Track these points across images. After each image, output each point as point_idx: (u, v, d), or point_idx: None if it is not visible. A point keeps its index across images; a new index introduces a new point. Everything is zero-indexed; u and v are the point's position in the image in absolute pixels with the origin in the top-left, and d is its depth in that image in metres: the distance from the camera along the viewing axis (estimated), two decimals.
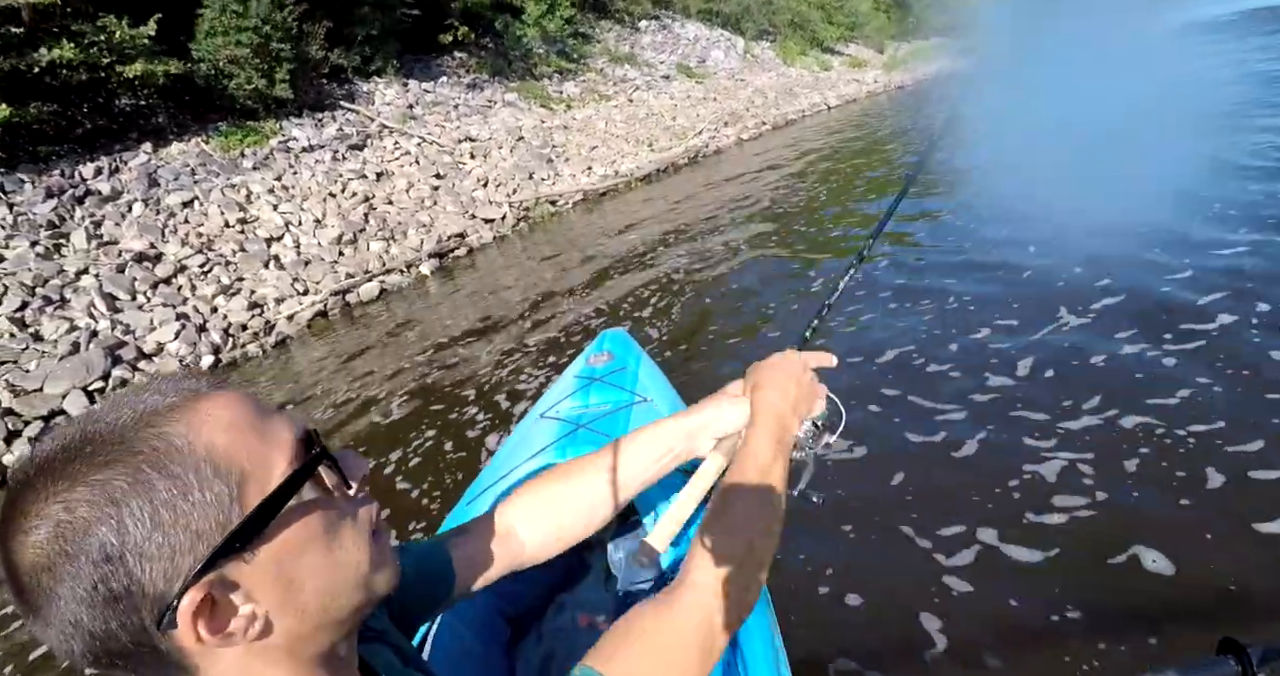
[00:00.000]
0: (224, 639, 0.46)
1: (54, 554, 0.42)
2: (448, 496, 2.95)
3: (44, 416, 4.72)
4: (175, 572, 0.44)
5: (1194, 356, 2.69)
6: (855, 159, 10.05)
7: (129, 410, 0.46)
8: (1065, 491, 2.13)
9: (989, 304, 3.63)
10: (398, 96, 11.75)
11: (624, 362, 2.05)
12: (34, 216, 6.56)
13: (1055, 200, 4.22)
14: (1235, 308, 2.98)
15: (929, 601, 1.87)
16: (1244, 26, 20.91)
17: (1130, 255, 3.75)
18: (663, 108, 15.99)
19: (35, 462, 0.45)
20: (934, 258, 4.62)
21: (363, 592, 0.54)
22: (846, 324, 3.82)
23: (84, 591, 0.42)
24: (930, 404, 2.80)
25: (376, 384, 4.55)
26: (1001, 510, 2.12)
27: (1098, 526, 1.98)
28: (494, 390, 3.97)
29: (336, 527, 0.52)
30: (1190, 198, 4.39)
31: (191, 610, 0.44)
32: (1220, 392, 2.42)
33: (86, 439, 0.45)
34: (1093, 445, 2.32)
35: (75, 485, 0.43)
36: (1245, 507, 1.90)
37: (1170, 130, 5.04)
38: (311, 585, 0.50)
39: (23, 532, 0.43)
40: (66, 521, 0.42)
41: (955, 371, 3.01)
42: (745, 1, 25.58)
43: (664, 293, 5.14)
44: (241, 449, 0.47)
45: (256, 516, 0.47)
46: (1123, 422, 2.39)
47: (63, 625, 0.43)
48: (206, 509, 0.45)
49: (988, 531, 2.05)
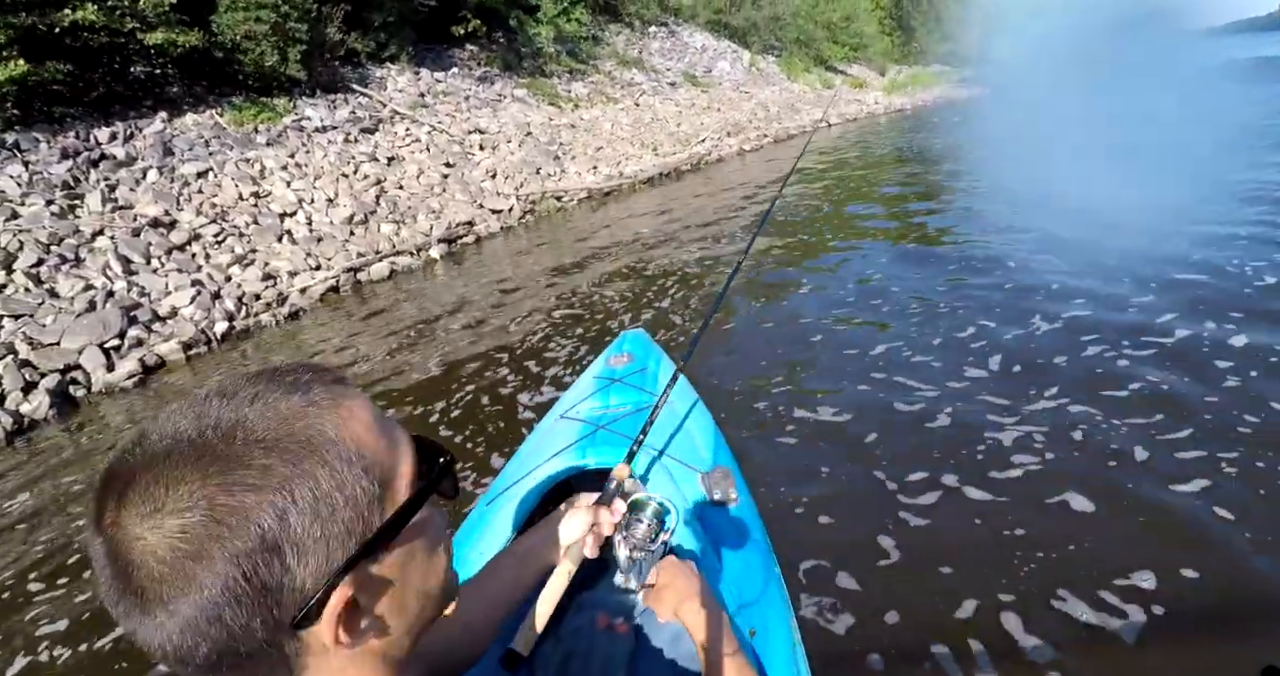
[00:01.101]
0: (353, 639, 0.45)
1: (208, 538, 0.39)
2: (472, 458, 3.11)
3: (60, 369, 4.79)
4: (326, 568, 0.42)
5: (1146, 360, 3.14)
6: (855, 175, 10.35)
7: (280, 397, 0.44)
8: (1019, 452, 2.59)
9: (974, 309, 4.05)
10: (409, 84, 11.87)
11: (644, 364, 2.08)
12: (49, 176, 6.60)
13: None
14: (1189, 323, 3.44)
15: (893, 530, 2.28)
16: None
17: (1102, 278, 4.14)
18: (668, 114, 16.24)
19: (176, 440, 0.42)
20: (930, 265, 4.87)
21: (445, 598, 0.54)
22: (847, 320, 4.05)
23: (234, 580, 0.40)
24: (913, 384, 3.24)
25: (394, 353, 4.69)
26: (964, 463, 2.58)
27: (1041, 475, 2.46)
28: (501, 362, 4.15)
29: (439, 536, 0.53)
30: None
31: (340, 607, 0.43)
32: (1165, 391, 2.87)
33: (239, 422, 0.42)
34: (1047, 422, 2.76)
35: (236, 467, 0.40)
36: (1158, 473, 2.36)
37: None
38: (414, 589, 0.50)
39: (165, 514, 0.39)
40: (226, 504, 0.40)
41: (936, 361, 3.45)
42: (753, 16, 25.99)
43: (660, 292, 5.33)
44: (381, 450, 0.47)
45: (399, 517, 0.47)
46: (1073, 408, 2.83)
47: (198, 620, 0.39)
48: (357, 505, 0.44)
49: (950, 477, 2.50)
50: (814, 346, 3.87)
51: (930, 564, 2.10)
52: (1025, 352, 3.39)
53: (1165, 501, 2.23)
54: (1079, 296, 3.97)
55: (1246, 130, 9.04)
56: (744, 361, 3.80)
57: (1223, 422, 2.59)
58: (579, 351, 4.29)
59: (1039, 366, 3.22)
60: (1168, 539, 2.07)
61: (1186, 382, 2.89)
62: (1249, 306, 3.54)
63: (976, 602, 1.92)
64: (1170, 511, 2.18)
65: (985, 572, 2.03)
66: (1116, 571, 1.96)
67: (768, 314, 4.54)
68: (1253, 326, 3.29)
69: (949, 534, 2.23)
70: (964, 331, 3.74)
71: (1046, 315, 3.77)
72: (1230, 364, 2.99)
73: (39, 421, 4.49)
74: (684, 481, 1.52)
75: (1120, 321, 3.56)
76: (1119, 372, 3.06)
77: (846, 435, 2.89)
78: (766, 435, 2.97)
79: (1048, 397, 2.93)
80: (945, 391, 3.10)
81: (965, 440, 2.71)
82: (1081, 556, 2.05)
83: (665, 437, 1.69)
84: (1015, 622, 1.85)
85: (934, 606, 1.95)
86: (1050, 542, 2.11)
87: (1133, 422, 2.67)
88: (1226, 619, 1.79)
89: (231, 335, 5.59)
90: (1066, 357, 3.26)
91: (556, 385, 3.82)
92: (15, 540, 3.13)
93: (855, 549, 2.21)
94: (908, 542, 2.21)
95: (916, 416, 2.95)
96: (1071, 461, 2.50)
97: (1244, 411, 2.63)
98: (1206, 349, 3.17)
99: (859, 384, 3.30)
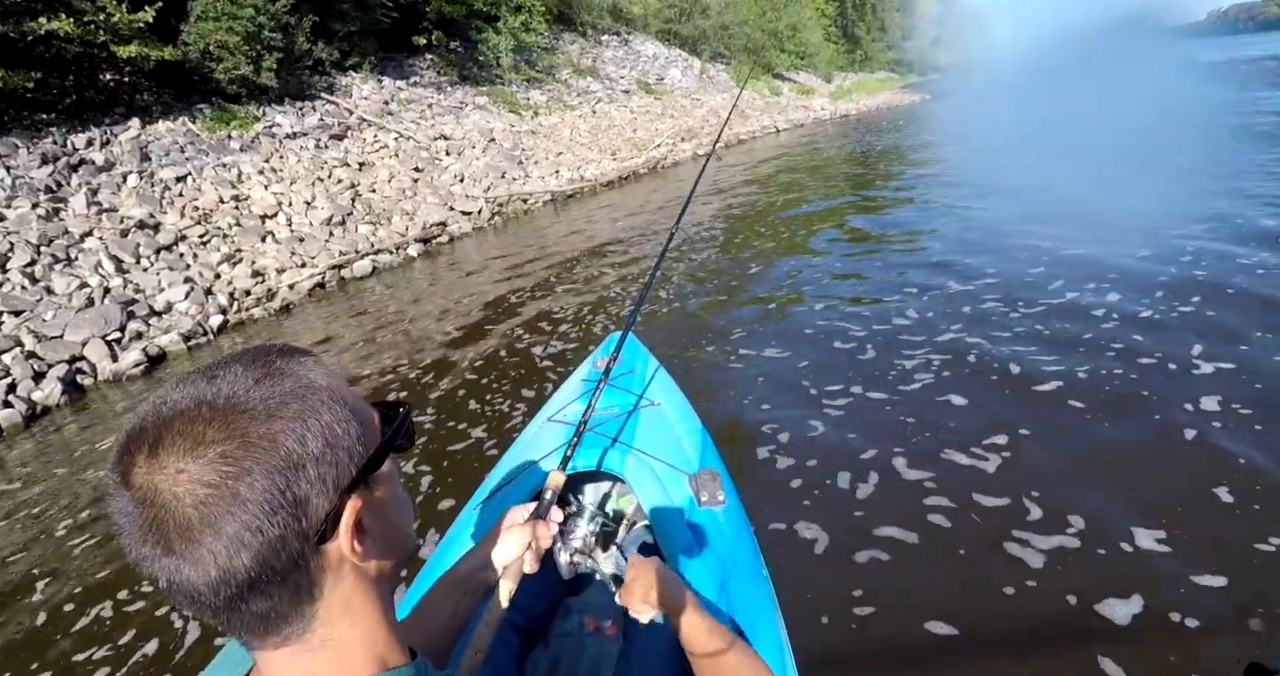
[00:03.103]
0: (361, 554, 0.52)
1: (247, 458, 0.45)
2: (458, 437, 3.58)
3: (66, 360, 5.07)
4: (339, 485, 0.49)
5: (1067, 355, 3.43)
6: (803, 175, 11.08)
7: (272, 359, 0.51)
8: (1018, 448, 2.68)
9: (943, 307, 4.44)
10: (373, 92, 12.18)
11: (632, 366, 2.10)
12: (32, 180, 6.80)
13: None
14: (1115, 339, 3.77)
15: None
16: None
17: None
18: (624, 120, 16.84)
19: (197, 398, 0.47)
20: (915, 259, 5.52)
21: (411, 541, 0.61)
22: (819, 313, 4.65)
23: (273, 493, 0.46)
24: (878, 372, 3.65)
25: (378, 343, 5.10)
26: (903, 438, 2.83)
27: (969, 431, 2.81)
28: (481, 359, 4.61)
29: (397, 477, 0.60)
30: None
31: (352, 520, 0.50)
32: (1086, 385, 3.06)
33: (244, 376, 0.49)
34: (1048, 421, 2.85)
35: (255, 405, 0.47)
36: (1085, 458, 2.55)
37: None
38: (393, 520, 0.57)
39: (205, 445, 0.45)
40: (259, 431, 0.46)
41: (935, 361, 3.81)
42: (702, 25, 26.83)
43: (626, 282, 5.86)
44: (356, 398, 0.55)
45: (380, 451, 0.54)
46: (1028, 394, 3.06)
47: (242, 534, 0.45)
48: (351, 436, 0.51)
49: (900, 460, 2.68)
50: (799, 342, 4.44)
51: (922, 563, 2.12)
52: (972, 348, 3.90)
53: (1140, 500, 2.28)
54: (970, 252, 4.63)
55: (1149, 133, 10.06)
56: (713, 338, 4.34)
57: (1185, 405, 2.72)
58: (556, 347, 4.54)
59: (984, 356, 3.81)
60: (1153, 535, 2.09)
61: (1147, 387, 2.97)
62: (1113, 266, 4.25)
63: (965, 603, 1.93)
64: (1158, 506, 2.22)
65: (975, 573, 2.05)
66: (1100, 568, 1.99)
67: (709, 302, 5.11)
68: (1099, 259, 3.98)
69: (940, 536, 2.25)
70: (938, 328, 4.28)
71: (962, 274, 4.42)
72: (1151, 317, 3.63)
73: (51, 407, 4.78)
74: (671, 483, 1.53)
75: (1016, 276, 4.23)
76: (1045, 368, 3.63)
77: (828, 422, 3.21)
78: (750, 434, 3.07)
79: (996, 384, 3.17)
80: (914, 398, 3.17)
81: (966, 441, 2.75)
82: (1066, 553, 2.08)
83: (653, 440, 1.68)
84: (1003, 621, 1.86)
85: (926, 606, 1.94)
86: (1031, 546, 2.12)
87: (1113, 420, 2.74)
88: (1212, 615, 1.80)
89: (227, 328, 5.92)
90: (998, 350, 3.86)
91: (534, 384, 3.96)
92: (42, 506, 3.49)
93: (844, 548, 2.24)
94: (896, 543, 2.23)
95: (897, 417, 3.00)
96: (1067, 462, 2.54)
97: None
98: (1101, 313, 3.80)
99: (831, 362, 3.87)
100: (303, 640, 0.51)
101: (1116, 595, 1.89)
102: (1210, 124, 10.59)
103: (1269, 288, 3.79)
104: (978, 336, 3.67)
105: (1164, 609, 1.84)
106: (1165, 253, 4.57)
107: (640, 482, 1.49)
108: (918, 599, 1.98)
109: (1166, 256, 4.50)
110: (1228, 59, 29.68)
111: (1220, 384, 2.89)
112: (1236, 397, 2.77)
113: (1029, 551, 2.11)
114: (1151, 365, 3.12)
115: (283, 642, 0.50)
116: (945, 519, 2.32)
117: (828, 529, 2.34)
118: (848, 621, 1.93)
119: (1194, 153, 8.09)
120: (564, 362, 4.21)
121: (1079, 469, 2.49)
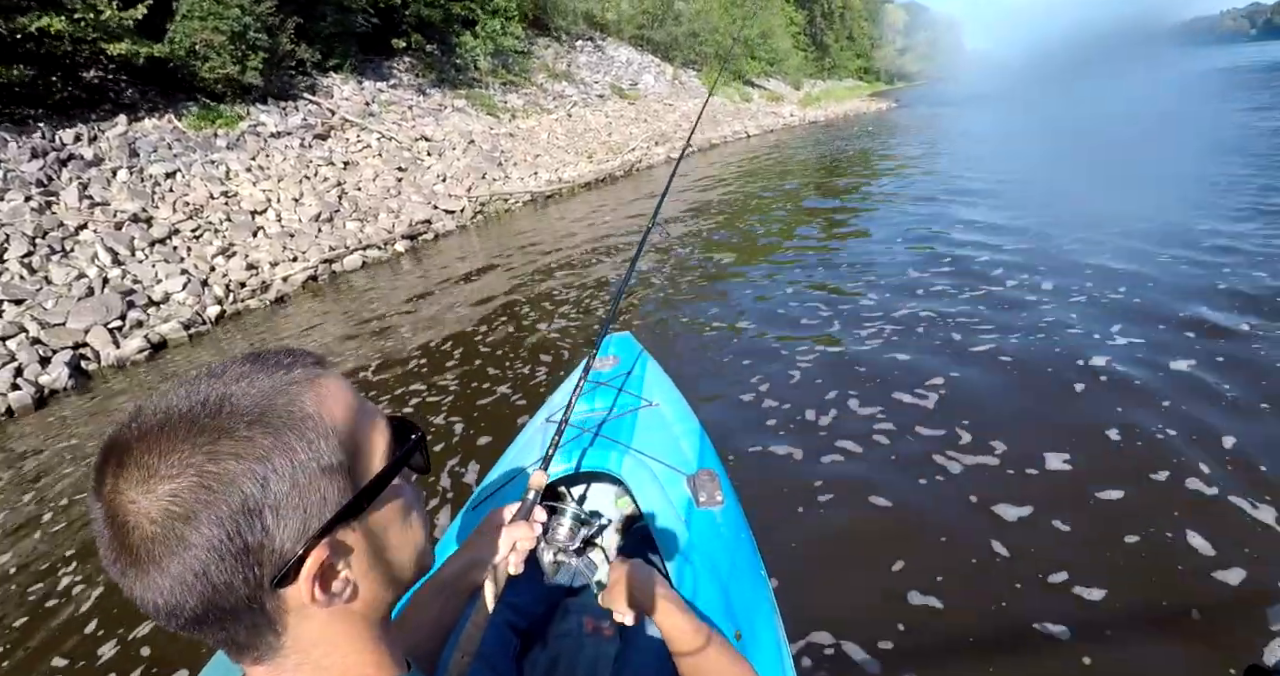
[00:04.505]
0: (328, 599, 0.49)
1: (195, 502, 0.43)
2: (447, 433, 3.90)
3: (70, 346, 5.27)
4: (303, 532, 0.47)
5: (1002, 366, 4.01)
6: (773, 178, 11.57)
7: (263, 376, 0.49)
8: (1013, 451, 2.71)
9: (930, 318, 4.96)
10: (354, 93, 12.39)
11: (629, 366, 2.09)
12: (23, 174, 6.93)
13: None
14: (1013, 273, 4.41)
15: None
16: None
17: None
18: (599, 124, 17.23)
19: (168, 414, 0.45)
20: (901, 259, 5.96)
21: (419, 565, 0.59)
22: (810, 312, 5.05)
23: (219, 540, 0.43)
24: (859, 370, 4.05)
25: (367, 333, 5.39)
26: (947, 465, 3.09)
27: (937, 411, 3.23)
28: (475, 355, 4.93)
29: (412, 506, 0.57)
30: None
31: (314, 569, 0.47)
32: (1017, 347, 3.74)
33: (225, 398, 0.46)
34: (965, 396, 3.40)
35: (222, 438, 0.44)
36: (1034, 447, 2.62)
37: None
38: (390, 556, 0.55)
39: (158, 479, 0.43)
40: (213, 472, 0.43)
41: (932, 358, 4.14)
42: (674, 32, 27.36)
43: (612, 276, 6.23)
44: (355, 425, 0.52)
45: (372, 487, 0.52)
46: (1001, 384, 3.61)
47: (185, 576, 0.43)
48: (332, 476, 0.48)
49: (916, 477, 2.58)
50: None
51: (920, 563, 2.11)
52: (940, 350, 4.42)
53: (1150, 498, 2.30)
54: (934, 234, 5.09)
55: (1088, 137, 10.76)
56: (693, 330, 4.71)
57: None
58: (548, 340, 4.67)
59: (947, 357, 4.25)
60: (1153, 536, 2.11)
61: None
62: (1055, 254, 4.73)
63: (963, 604, 1.93)
64: (1155, 507, 2.24)
65: (974, 575, 2.05)
66: (1100, 571, 1.99)
67: (673, 298, 5.50)
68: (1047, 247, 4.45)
69: (936, 535, 2.23)
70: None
71: (945, 258, 4.86)
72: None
73: (58, 391, 4.98)
74: (670, 484, 1.53)
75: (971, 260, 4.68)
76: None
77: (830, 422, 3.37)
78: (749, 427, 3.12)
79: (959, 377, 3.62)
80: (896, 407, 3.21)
81: (961, 444, 2.76)
82: (1066, 554, 2.07)
83: (651, 440, 1.68)
84: (1000, 622, 1.86)
85: (923, 607, 1.94)
86: (1036, 546, 2.12)
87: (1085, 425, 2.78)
88: (1212, 618, 1.80)
89: (224, 317, 6.15)
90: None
91: (517, 384, 3.97)
92: (49, 484, 3.72)
93: (843, 551, 2.23)
94: (896, 544, 2.20)
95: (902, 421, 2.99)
96: (1061, 464, 2.55)
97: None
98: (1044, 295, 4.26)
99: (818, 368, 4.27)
100: (276, 662, 0.50)
101: (1056, 517, 2.18)
102: (1154, 125, 11.43)
103: (1181, 278, 4.30)
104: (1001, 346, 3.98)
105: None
106: (1092, 248, 5.08)
107: (638, 483, 1.49)
108: (925, 605, 1.95)
109: (1091, 251, 5.00)
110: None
111: (1119, 352, 3.34)
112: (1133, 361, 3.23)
113: (1035, 561, 2.07)
114: (1072, 334, 3.59)
115: (256, 662, 0.50)
116: (950, 517, 2.30)
117: (828, 528, 2.33)
118: (847, 624, 1.92)
119: (1138, 152, 8.79)
120: (558, 358, 4.31)
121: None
